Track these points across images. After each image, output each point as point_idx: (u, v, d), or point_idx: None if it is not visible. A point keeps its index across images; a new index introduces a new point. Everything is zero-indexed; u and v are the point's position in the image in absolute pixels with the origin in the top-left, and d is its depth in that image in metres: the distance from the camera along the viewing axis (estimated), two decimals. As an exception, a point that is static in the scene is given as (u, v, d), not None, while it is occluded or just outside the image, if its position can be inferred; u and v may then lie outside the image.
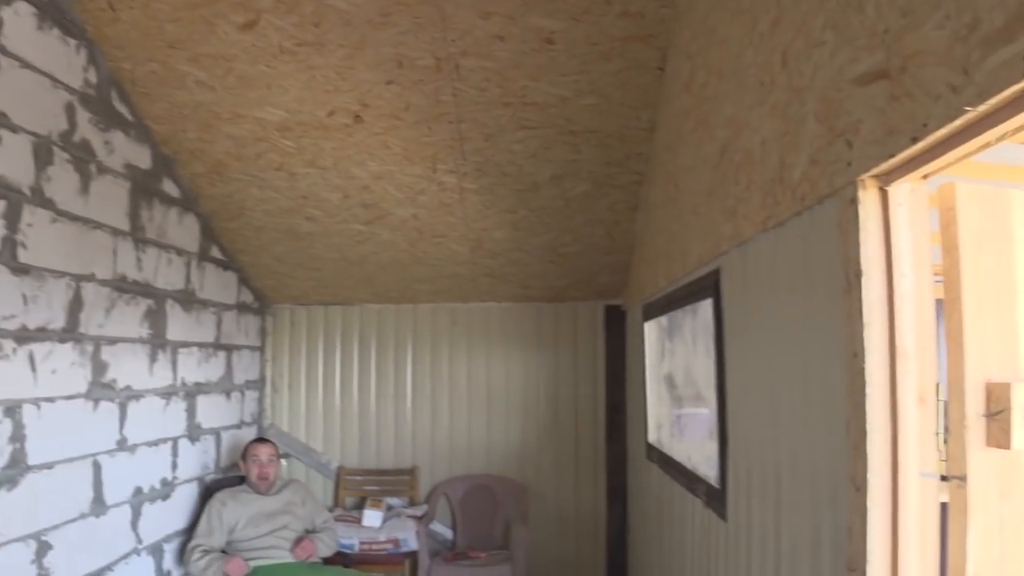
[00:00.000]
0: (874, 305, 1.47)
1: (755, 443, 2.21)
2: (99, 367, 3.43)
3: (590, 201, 4.08)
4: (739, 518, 2.38)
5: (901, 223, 1.48)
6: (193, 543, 4.01)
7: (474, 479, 5.32)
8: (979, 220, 1.45)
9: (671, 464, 3.45)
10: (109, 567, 3.51)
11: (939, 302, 1.50)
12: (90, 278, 3.33)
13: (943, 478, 1.46)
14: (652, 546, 4.06)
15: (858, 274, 1.48)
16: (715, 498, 2.64)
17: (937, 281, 1.50)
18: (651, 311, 3.90)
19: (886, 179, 1.46)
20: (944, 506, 1.45)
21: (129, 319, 3.67)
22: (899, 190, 1.47)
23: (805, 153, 1.73)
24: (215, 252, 4.59)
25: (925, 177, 1.47)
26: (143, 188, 3.74)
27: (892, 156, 1.35)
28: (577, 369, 5.33)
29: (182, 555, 4.09)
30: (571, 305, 5.33)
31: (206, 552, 3.96)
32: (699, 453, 2.92)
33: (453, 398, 5.40)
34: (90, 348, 3.36)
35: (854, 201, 1.49)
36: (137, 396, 3.74)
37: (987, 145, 1.25)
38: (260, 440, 4.48)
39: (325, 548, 4.29)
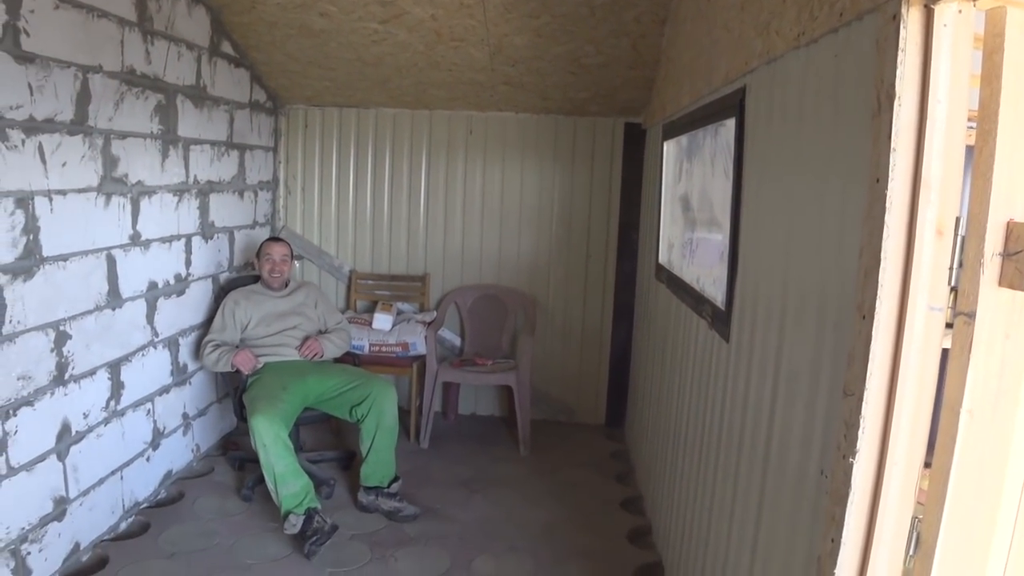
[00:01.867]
0: (903, 130, 1.40)
1: (765, 267, 2.20)
2: (110, 161, 3.40)
3: (616, 10, 3.88)
4: (742, 340, 2.40)
5: (943, 46, 1.39)
6: (207, 338, 4.15)
7: (484, 289, 5.40)
8: (1027, 51, 1.35)
9: (679, 285, 3.47)
10: (127, 357, 3.63)
11: (968, 149, 1.42)
12: (97, 69, 3.25)
13: (948, 326, 1.44)
14: (655, 363, 4.15)
15: (891, 96, 1.41)
16: (720, 320, 2.66)
17: (970, 127, 1.42)
18: (672, 130, 3.80)
19: (933, -5, 1.36)
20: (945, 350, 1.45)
21: (139, 113, 3.60)
22: (946, 9, 1.37)
23: (849, -37, 1.61)
24: (226, 48, 4.45)
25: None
26: (149, -25, 3.58)
27: (943, -32, 1.25)
28: (592, 185, 5.28)
29: (197, 349, 4.23)
30: (590, 120, 5.21)
31: (217, 346, 4.09)
32: (708, 275, 2.92)
33: (467, 207, 5.39)
34: (100, 142, 3.32)
35: (896, 18, 1.39)
36: (149, 192, 3.74)
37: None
38: (274, 239, 4.51)
39: (335, 348, 4.41)
